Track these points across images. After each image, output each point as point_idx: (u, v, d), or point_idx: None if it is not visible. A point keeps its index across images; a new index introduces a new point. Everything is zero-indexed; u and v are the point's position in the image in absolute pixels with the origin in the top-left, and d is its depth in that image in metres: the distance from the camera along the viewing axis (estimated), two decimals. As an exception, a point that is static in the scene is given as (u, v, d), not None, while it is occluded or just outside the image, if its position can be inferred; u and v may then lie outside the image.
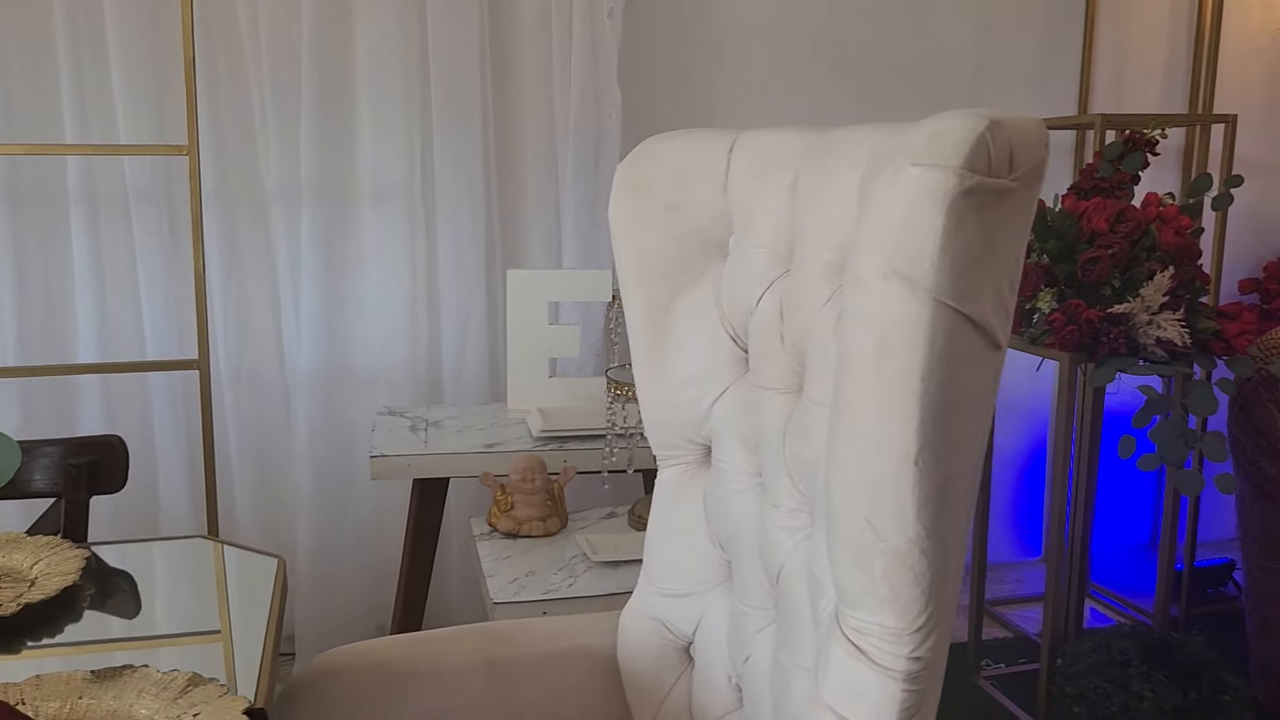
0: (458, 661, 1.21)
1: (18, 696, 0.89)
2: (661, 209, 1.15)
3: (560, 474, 1.81)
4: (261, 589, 1.23)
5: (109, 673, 0.93)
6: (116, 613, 1.17)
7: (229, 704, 0.88)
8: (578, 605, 1.53)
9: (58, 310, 2.26)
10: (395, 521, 2.45)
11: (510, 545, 1.72)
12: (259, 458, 2.39)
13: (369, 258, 2.38)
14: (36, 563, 1.20)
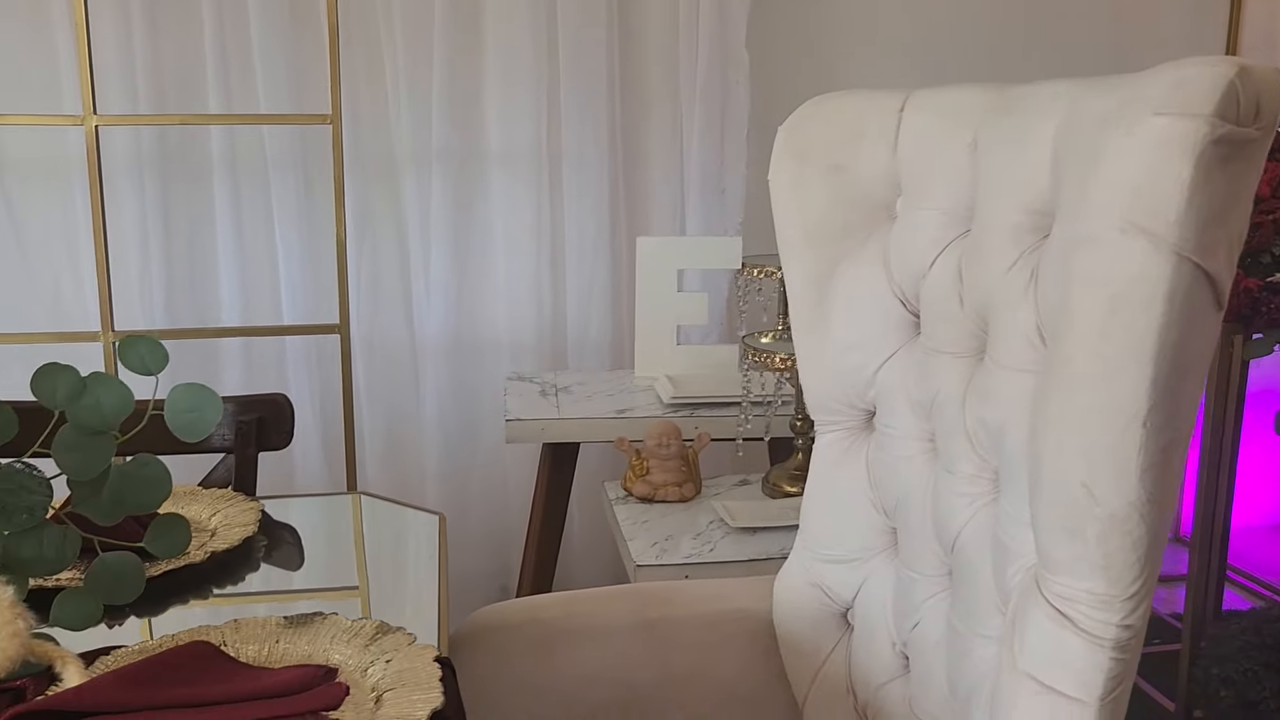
0: (614, 621, 1.22)
1: (219, 639, 0.93)
2: (826, 171, 1.14)
3: (695, 440, 1.81)
4: (417, 544, 1.27)
5: (301, 619, 0.96)
6: (282, 564, 1.22)
7: (419, 651, 0.90)
8: (719, 570, 1.53)
9: (202, 275, 2.34)
10: (519, 486, 2.49)
11: (646, 510, 1.73)
12: (388, 422, 2.45)
13: (496, 225, 2.41)
14: (214, 514, 1.25)
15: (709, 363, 2.17)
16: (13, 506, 0.90)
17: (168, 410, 0.93)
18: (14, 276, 2.27)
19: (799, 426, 1.80)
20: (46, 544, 0.92)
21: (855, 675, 1.16)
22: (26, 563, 0.91)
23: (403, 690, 0.85)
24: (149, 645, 0.92)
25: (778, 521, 1.65)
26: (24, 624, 0.84)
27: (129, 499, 0.93)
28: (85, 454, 0.91)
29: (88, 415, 0.91)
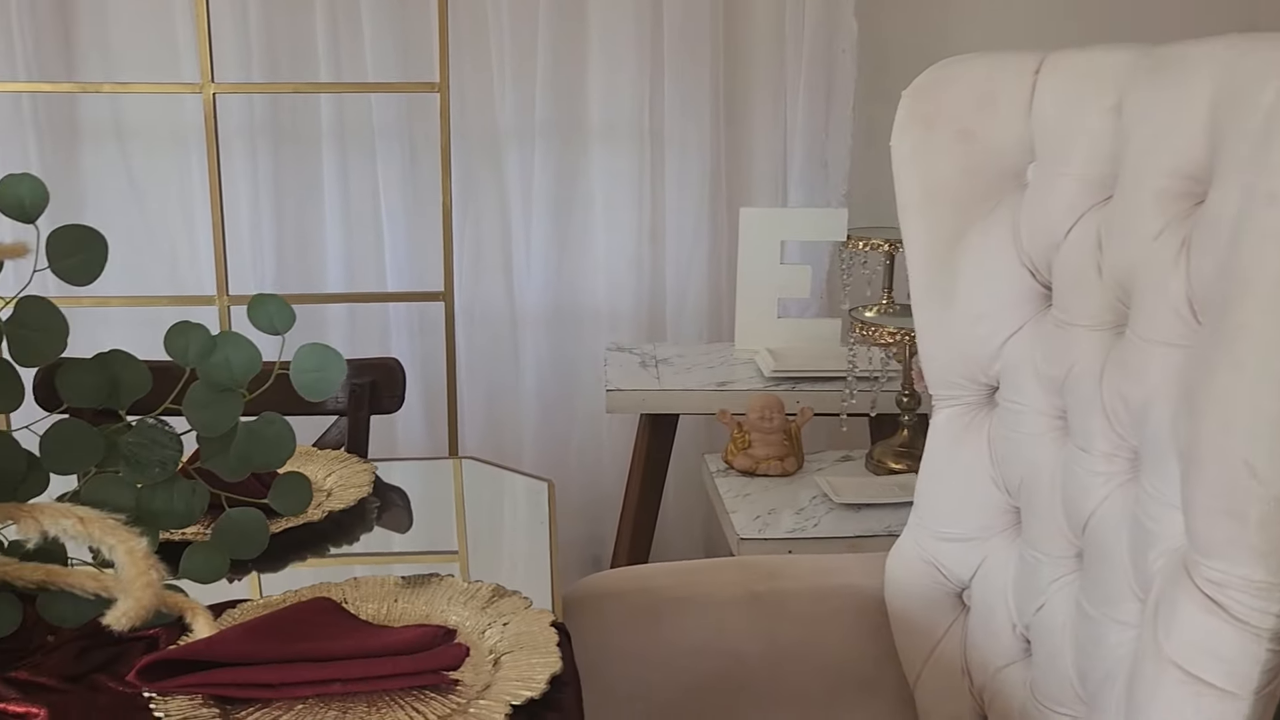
0: (722, 592, 1.21)
1: (340, 596, 0.94)
2: (953, 136, 1.10)
3: (798, 414, 1.79)
4: (522, 510, 1.27)
5: (418, 579, 0.97)
6: (392, 526, 1.23)
7: (536, 616, 0.90)
8: (823, 546, 1.51)
9: (309, 242, 2.38)
10: (615, 457, 2.49)
11: (748, 483, 1.72)
12: (487, 390, 2.47)
13: (596, 197, 2.40)
14: (329, 475, 1.27)
15: (810, 336, 2.13)
16: (145, 460, 0.93)
17: (293, 370, 0.94)
18: (135, 241, 2.34)
19: (905, 403, 1.76)
20: (177, 498, 0.94)
21: (971, 657, 1.12)
22: (157, 515, 0.93)
23: (521, 654, 0.85)
24: (273, 600, 0.94)
25: (883, 498, 1.62)
26: (157, 575, 0.86)
27: (255, 456, 0.95)
28: (214, 410, 0.93)
29: (217, 373, 0.93)
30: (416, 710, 0.79)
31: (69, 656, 0.85)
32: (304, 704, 0.80)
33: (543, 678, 0.80)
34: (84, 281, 0.90)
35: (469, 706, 0.78)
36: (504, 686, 0.80)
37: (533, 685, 0.79)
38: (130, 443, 0.92)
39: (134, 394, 0.93)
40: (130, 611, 0.84)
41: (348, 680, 0.81)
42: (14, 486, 0.90)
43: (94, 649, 0.87)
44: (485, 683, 0.82)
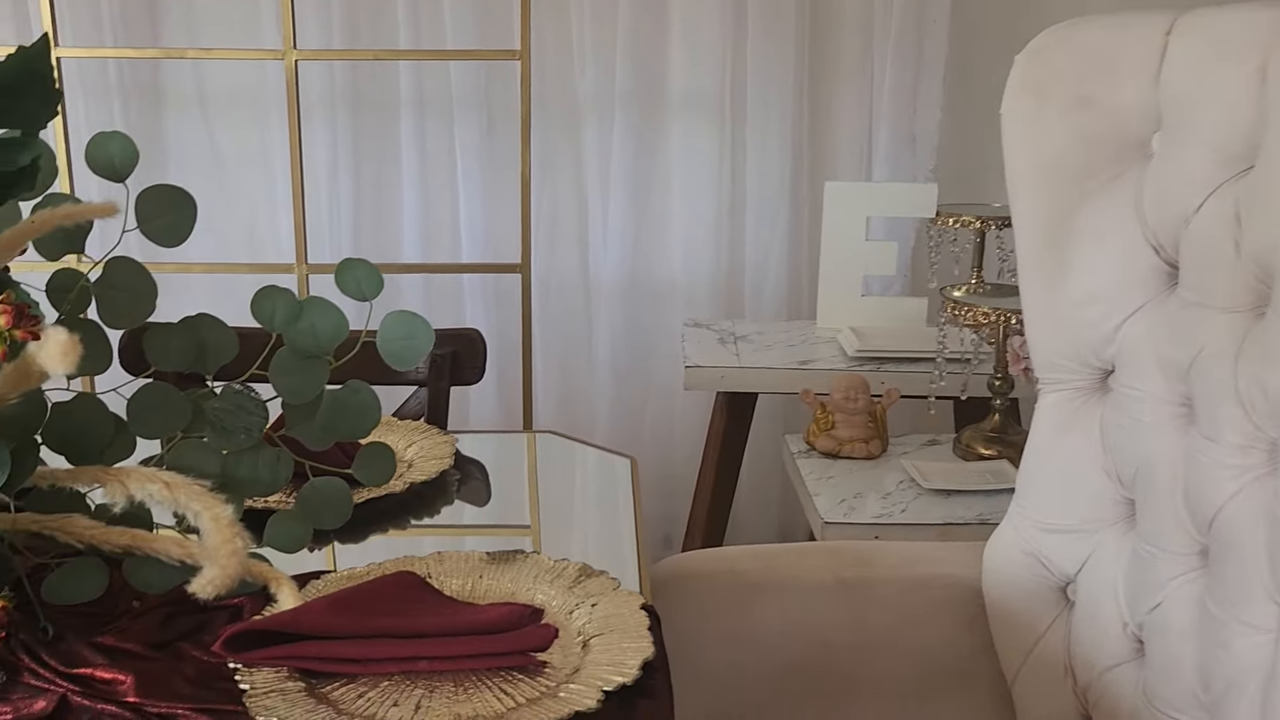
0: (810, 578, 1.16)
1: (424, 570, 0.92)
2: (1071, 104, 1.03)
3: (883, 396, 1.73)
4: (600, 486, 1.24)
5: (503, 556, 0.95)
6: (471, 499, 1.21)
7: (626, 598, 0.87)
8: (910, 532, 1.46)
9: (386, 211, 2.38)
10: (688, 435, 2.45)
11: (831, 465, 1.67)
12: (561, 363, 2.45)
13: (675, 169, 2.36)
14: (409, 446, 1.25)
15: (895, 315, 2.07)
16: (232, 426, 0.91)
17: (381, 337, 0.92)
18: (215, 207, 2.36)
19: (998, 386, 1.69)
20: (262, 465, 0.93)
21: (1076, 655, 1.07)
22: (243, 483, 0.92)
23: (611, 637, 0.82)
24: (357, 572, 0.92)
25: (973, 485, 1.56)
26: (241, 543, 0.85)
27: (340, 424, 0.92)
28: (300, 377, 0.91)
29: (304, 339, 0.91)
30: (504, 692, 0.76)
31: (154, 623, 0.84)
32: (389, 680, 0.77)
33: (634, 663, 0.77)
34: (173, 243, 0.88)
35: (558, 690, 0.75)
36: (594, 671, 0.77)
37: (625, 670, 0.76)
38: (216, 408, 0.91)
39: (220, 359, 0.92)
40: (215, 579, 0.82)
41: (434, 658, 0.78)
42: (100, 450, 0.90)
43: (179, 616, 0.86)
44: (574, 666, 0.79)
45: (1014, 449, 1.67)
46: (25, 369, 0.82)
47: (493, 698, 0.75)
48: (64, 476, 0.89)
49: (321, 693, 0.76)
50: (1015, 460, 1.64)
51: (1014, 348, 1.59)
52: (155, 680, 0.75)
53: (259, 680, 0.75)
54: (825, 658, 1.15)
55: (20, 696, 0.75)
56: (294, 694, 0.74)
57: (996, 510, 1.49)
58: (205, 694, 0.74)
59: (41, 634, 0.81)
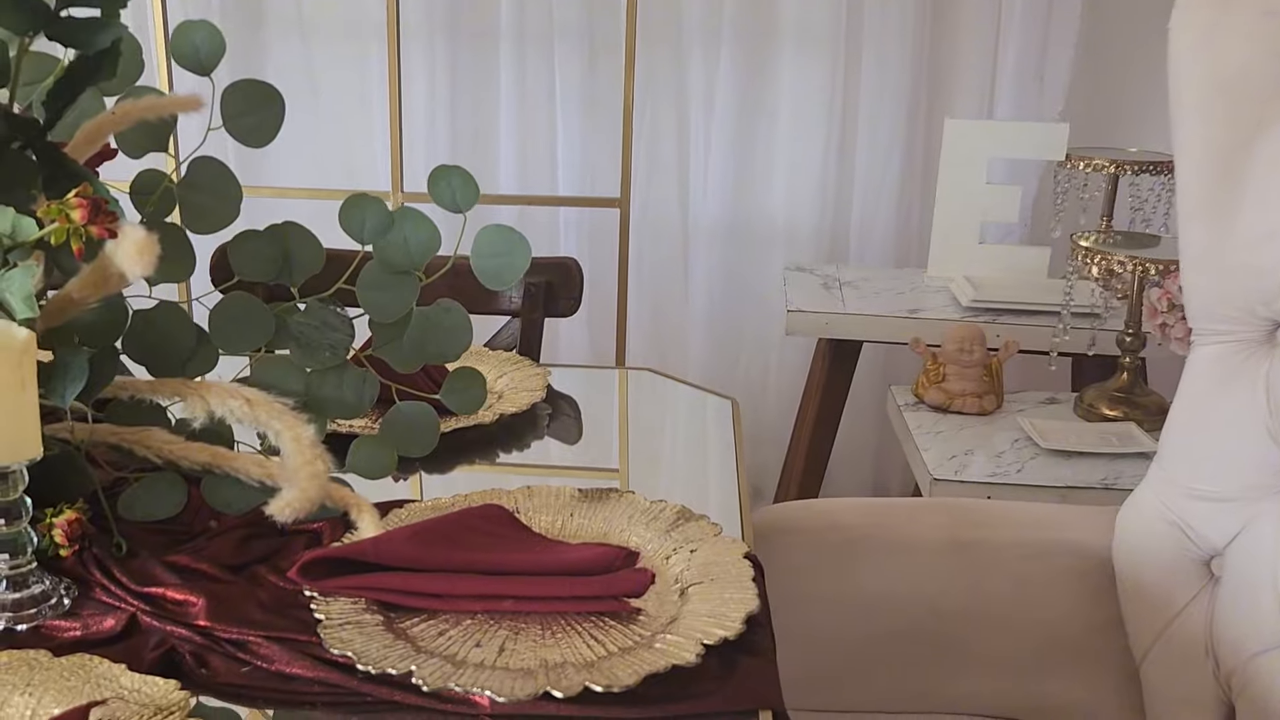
0: (921, 537, 1.08)
1: (513, 505, 0.86)
2: (1258, 15, 0.90)
3: (1000, 349, 1.62)
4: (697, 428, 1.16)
5: (595, 494, 0.88)
6: (561, 436, 1.15)
7: (728, 545, 0.80)
8: (1027, 494, 1.36)
9: (483, 142, 2.32)
10: (782, 383, 2.37)
11: (940, 420, 1.57)
12: (655, 303, 2.38)
13: (783, 105, 2.25)
14: (500, 377, 1.19)
15: (1013, 265, 1.94)
16: (316, 343, 0.86)
17: (474, 254, 0.85)
18: (310, 135, 2.33)
19: (1129, 342, 1.56)
20: (346, 386, 0.88)
21: (1219, 636, 0.97)
22: (326, 403, 0.87)
23: (711, 587, 0.75)
24: (441, 503, 0.86)
25: (1097, 448, 1.45)
26: (323, 466, 0.80)
27: (429, 346, 0.87)
28: (389, 293, 0.86)
29: (394, 252, 0.85)
30: (594, 639, 0.70)
31: (230, 544, 0.80)
32: (472, 619, 0.72)
33: (738, 616, 0.70)
34: (259, 142, 0.83)
35: (654, 640, 0.69)
36: (693, 622, 0.70)
37: (726, 623, 0.69)
38: (301, 324, 0.86)
39: (306, 270, 0.86)
40: (294, 502, 0.78)
41: (520, 598, 0.72)
42: (182, 362, 0.85)
43: (256, 539, 0.81)
44: (671, 615, 0.73)
45: (1141, 410, 1.55)
46: (104, 271, 0.77)
47: (582, 644, 0.69)
48: (144, 388, 0.86)
49: (400, 628, 0.71)
50: (1142, 422, 1.52)
51: (1151, 300, 1.46)
52: (227, 604, 0.71)
53: (334, 611, 0.70)
54: (933, 625, 1.07)
55: (90, 613, 0.71)
56: (370, 627, 0.69)
57: (1121, 475, 1.38)
58: (278, 622, 0.70)
59: (115, 550, 0.78)
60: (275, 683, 0.65)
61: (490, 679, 0.64)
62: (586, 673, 0.64)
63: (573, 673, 0.64)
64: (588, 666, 0.66)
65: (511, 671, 0.65)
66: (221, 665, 0.67)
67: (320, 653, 0.66)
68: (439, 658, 0.66)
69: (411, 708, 0.64)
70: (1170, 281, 1.42)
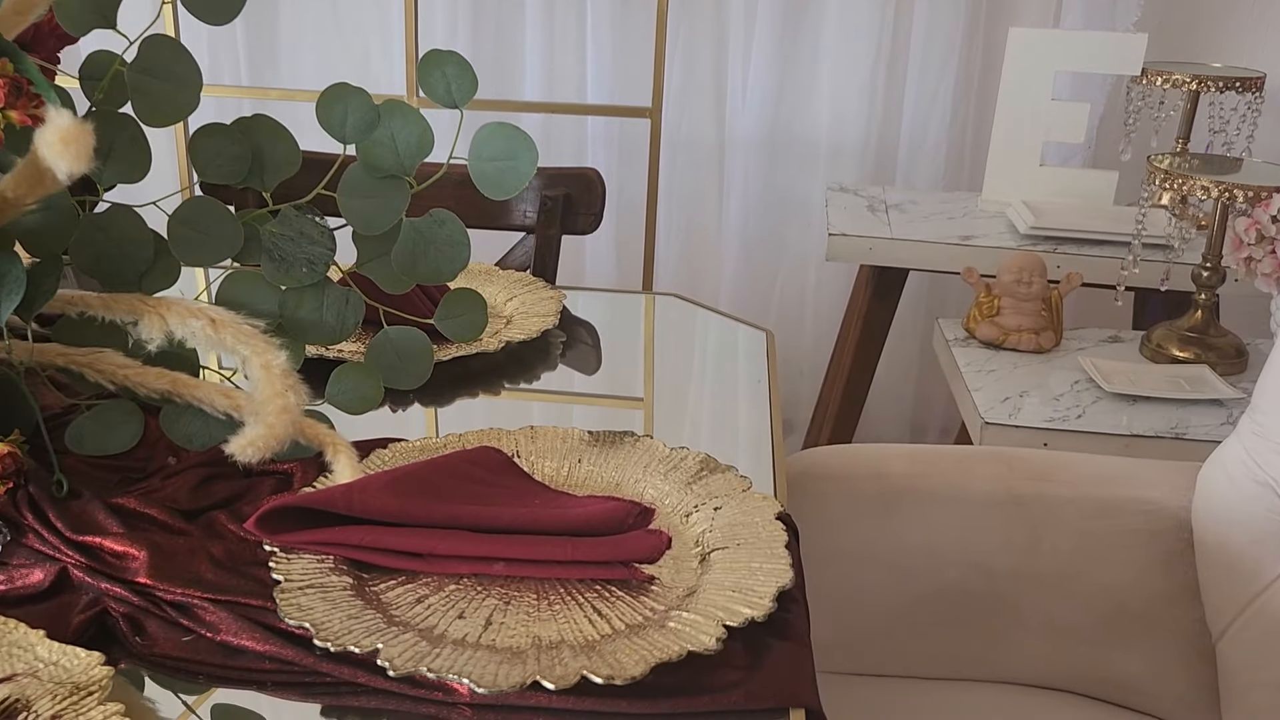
0: (976, 489, 0.97)
1: (512, 448, 0.76)
2: None
3: (1061, 282, 1.48)
4: (727, 361, 1.05)
5: (608, 437, 0.77)
6: (577, 365, 1.04)
7: (758, 504, 0.69)
8: (1088, 442, 1.24)
9: (508, 51, 2.17)
10: (819, 313, 2.24)
11: (993, 357, 1.44)
12: (687, 222, 2.24)
13: (830, 10, 2.07)
14: (510, 299, 1.08)
15: (1077, 190, 1.79)
16: (291, 256, 0.75)
17: (472, 156, 0.73)
18: (328, 42, 2.19)
19: (1205, 277, 1.42)
20: (326, 307, 0.77)
21: (1314, 614, 0.85)
22: (303, 326, 0.76)
23: (738, 553, 0.64)
24: (432, 443, 0.76)
25: (1166, 392, 1.32)
26: (296, 398, 0.69)
27: (422, 262, 0.75)
28: (375, 201, 0.74)
29: (380, 153, 0.73)
30: (598, 612, 0.59)
31: (188, 486, 0.70)
32: (457, 584, 0.62)
33: (768, 592, 0.59)
34: (219, 18, 0.71)
35: (667, 618, 0.58)
36: (715, 596, 0.60)
37: (754, 602, 0.59)
38: (274, 234, 0.75)
39: (280, 172, 0.75)
40: (259, 440, 0.67)
41: (514, 560, 0.62)
42: (139, 275, 0.75)
43: (218, 480, 0.72)
44: (688, 586, 0.62)
45: (1215, 353, 1.41)
46: (39, 166, 0.66)
47: (583, 618, 0.59)
48: (96, 304, 0.75)
49: (372, 592, 0.61)
50: (1216, 365, 1.39)
51: (1236, 231, 1.31)
52: (173, 559, 0.61)
53: (296, 571, 0.60)
54: (985, 586, 0.96)
55: (18, 563, 0.62)
56: (336, 592, 0.59)
57: (1193, 424, 1.26)
58: (231, 582, 0.60)
59: (55, 488, 0.68)
60: (220, 656, 0.56)
61: (471, 663, 0.53)
62: (585, 657, 0.54)
63: (569, 657, 0.54)
64: (588, 649, 0.55)
65: (498, 652, 0.55)
66: (160, 633, 0.57)
67: (276, 622, 0.57)
68: (413, 632, 0.56)
69: (377, 692, 0.54)
70: (1260, 210, 1.27)
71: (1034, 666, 0.98)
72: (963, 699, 0.97)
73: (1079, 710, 0.97)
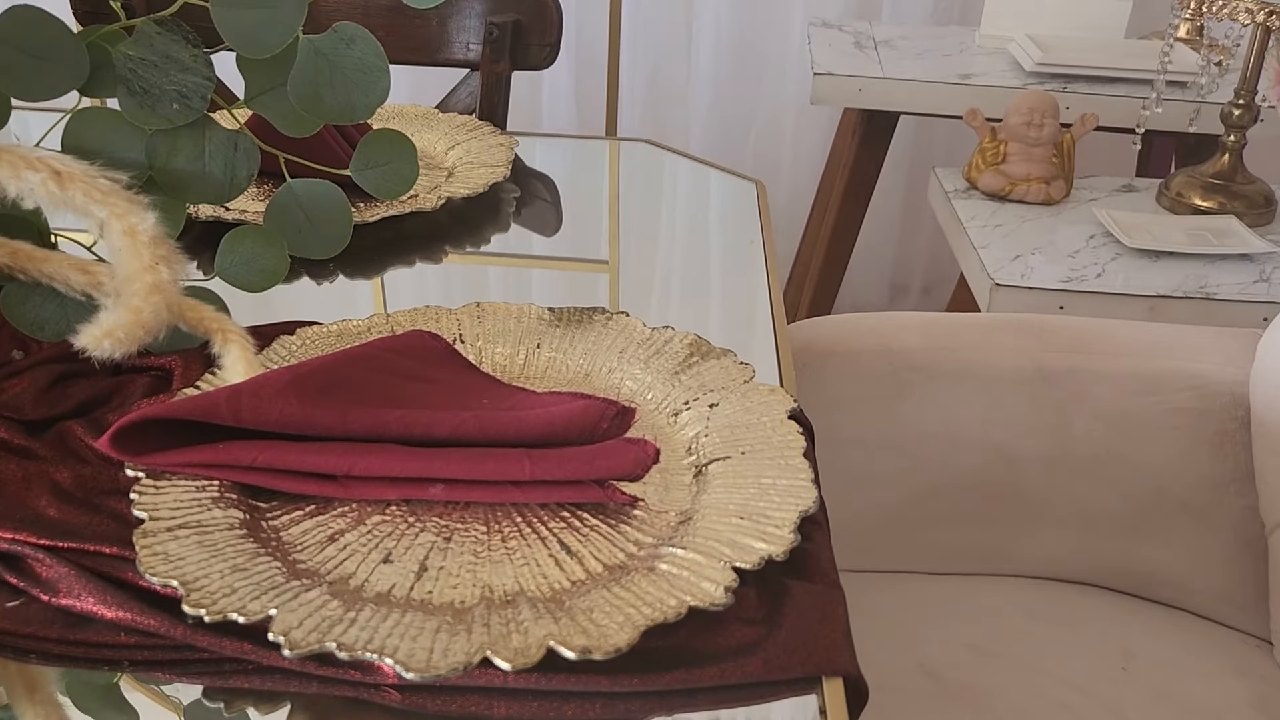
0: (997, 365, 0.83)
1: (453, 330, 0.61)
2: None
3: (1074, 124, 1.32)
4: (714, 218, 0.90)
5: (573, 315, 0.62)
6: (532, 225, 0.88)
7: (764, 397, 0.55)
8: (1109, 305, 1.11)
9: None
10: (797, 164, 2.07)
11: (998, 210, 1.29)
12: (652, 66, 2.04)
13: None
14: (453, 148, 0.91)
15: (1086, 22, 1.61)
16: (158, 88, 0.58)
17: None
18: None
19: (1237, 117, 1.27)
20: (210, 154, 0.60)
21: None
22: (180, 179, 0.60)
23: (742, 464, 0.50)
24: (352, 326, 0.60)
25: (1190, 247, 1.19)
26: (170, 273, 0.54)
27: (327, 94, 0.58)
28: (261, 12, 0.56)
29: (260, -55, 0.55)
30: (566, 549, 0.46)
31: (36, 387, 0.55)
32: (383, 514, 0.47)
33: (786, 519, 0.46)
34: None
35: (657, 556, 0.45)
36: (716, 525, 0.46)
37: (770, 533, 0.45)
38: (130, 58, 0.57)
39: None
40: (122, 328, 0.52)
41: (456, 482, 0.48)
42: (-45, 114, 0.57)
43: (75, 379, 0.56)
44: (682, 510, 0.48)
45: (1242, 201, 1.28)
46: None
47: (547, 558, 0.45)
48: (-98, 153, 0.58)
49: (269, 530, 0.46)
50: (1243, 216, 1.25)
51: (1278, 62, 1.16)
52: (2, 490, 0.46)
53: (165, 505, 0.46)
54: (1006, 473, 0.84)
55: None
56: (220, 532, 0.45)
57: (1223, 282, 1.13)
58: (78, 521, 0.45)
59: None
60: (59, 627, 0.41)
61: (397, 632, 0.40)
62: (551, 619, 0.41)
63: (529, 618, 0.41)
64: (553, 604, 0.42)
65: (434, 613, 0.41)
66: (-24, 595, 0.43)
67: (137, 578, 0.42)
68: (322, 587, 0.42)
69: (274, 671, 0.40)
70: (1311, 37, 1.12)
71: (1055, 559, 0.87)
72: (979, 594, 0.86)
73: (1104, 603, 0.86)
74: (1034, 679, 0.78)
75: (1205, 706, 0.76)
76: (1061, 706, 0.75)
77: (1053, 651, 0.80)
